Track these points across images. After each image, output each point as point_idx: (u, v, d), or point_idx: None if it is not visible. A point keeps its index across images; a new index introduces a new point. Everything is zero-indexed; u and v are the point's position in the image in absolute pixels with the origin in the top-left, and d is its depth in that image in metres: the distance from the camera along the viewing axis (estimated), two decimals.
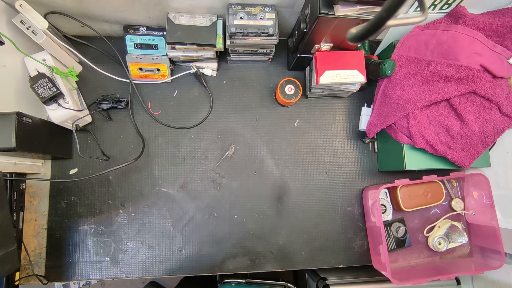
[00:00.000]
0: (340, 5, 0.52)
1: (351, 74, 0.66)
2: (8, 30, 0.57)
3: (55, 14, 0.61)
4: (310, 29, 0.57)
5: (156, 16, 0.66)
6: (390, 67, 0.65)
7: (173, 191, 0.71)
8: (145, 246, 0.69)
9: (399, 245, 0.74)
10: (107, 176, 0.69)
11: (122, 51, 0.68)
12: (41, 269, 0.66)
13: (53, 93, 0.58)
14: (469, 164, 0.65)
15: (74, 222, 0.68)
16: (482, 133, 0.62)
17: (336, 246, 0.73)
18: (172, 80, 0.74)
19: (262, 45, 0.67)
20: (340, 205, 0.75)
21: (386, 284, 0.71)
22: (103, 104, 0.69)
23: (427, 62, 0.61)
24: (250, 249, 0.70)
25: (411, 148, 0.67)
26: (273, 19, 0.63)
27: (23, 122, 0.54)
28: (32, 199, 0.67)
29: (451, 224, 0.74)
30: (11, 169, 0.58)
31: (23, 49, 0.56)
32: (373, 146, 0.77)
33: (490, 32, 0.60)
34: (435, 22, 0.65)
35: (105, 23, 0.68)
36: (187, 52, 0.68)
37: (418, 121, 0.64)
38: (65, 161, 0.69)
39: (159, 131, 0.72)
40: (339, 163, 0.76)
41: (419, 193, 0.73)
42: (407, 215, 0.76)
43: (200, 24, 0.64)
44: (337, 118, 0.77)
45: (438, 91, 0.61)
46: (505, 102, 0.60)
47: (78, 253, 0.67)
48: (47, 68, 0.60)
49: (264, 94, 0.76)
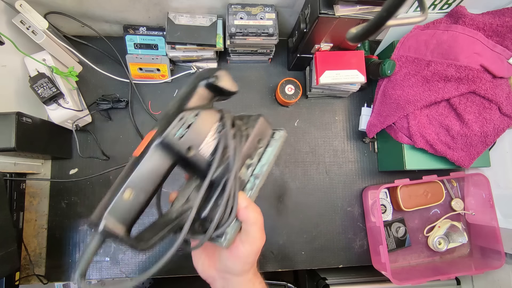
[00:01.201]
0: (340, 5, 0.52)
1: (351, 74, 0.66)
2: (8, 30, 0.57)
3: (55, 14, 0.61)
4: (310, 29, 0.57)
5: (156, 16, 0.66)
6: (390, 67, 0.65)
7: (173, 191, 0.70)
8: None
9: (399, 245, 0.74)
10: (107, 176, 0.69)
11: (122, 51, 0.68)
12: (41, 269, 0.66)
13: (53, 93, 0.58)
14: (469, 164, 0.65)
15: (74, 222, 0.68)
16: (482, 133, 0.62)
17: (336, 246, 0.73)
18: (172, 80, 0.74)
19: (262, 45, 0.67)
20: (340, 205, 0.75)
21: (386, 284, 0.71)
22: (103, 104, 0.69)
23: (427, 62, 0.61)
24: None
25: (411, 148, 0.67)
26: (273, 19, 0.63)
27: (23, 122, 0.54)
28: (32, 199, 0.67)
29: (451, 224, 0.74)
30: (11, 169, 0.58)
31: (23, 49, 0.56)
32: (373, 146, 0.77)
33: (490, 32, 0.60)
34: (435, 22, 0.65)
35: (105, 23, 0.68)
36: (187, 52, 0.68)
37: (418, 121, 0.64)
38: (65, 161, 0.69)
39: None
40: (339, 163, 0.76)
41: (419, 193, 0.73)
42: (407, 215, 0.76)
43: (200, 24, 0.64)
44: (337, 118, 0.77)
45: (438, 91, 0.61)
46: (505, 102, 0.60)
47: (78, 253, 0.67)
48: (47, 68, 0.60)
49: (264, 94, 0.76)
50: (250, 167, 0.34)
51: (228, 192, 0.31)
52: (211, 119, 0.32)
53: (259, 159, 0.35)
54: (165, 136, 0.29)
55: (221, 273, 0.35)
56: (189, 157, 0.31)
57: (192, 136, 0.31)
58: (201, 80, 0.33)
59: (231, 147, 0.31)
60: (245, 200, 0.32)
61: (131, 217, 0.30)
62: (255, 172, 0.35)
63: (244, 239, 0.32)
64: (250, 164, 0.34)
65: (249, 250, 0.32)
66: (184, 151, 0.30)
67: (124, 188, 0.29)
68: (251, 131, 0.34)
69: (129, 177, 0.29)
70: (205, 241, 0.31)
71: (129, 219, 0.29)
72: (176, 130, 0.30)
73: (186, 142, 0.30)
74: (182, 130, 0.30)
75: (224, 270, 0.35)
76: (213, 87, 0.34)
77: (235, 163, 0.31)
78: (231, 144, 0.31)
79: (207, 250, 0.38)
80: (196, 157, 0.31)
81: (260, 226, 0.33)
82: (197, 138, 0.31)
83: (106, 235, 0.27)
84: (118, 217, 0.29)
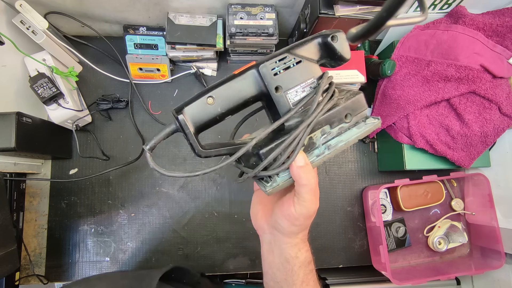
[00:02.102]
0: (340, 5, 0.52)
1: (351, 74, 0.66)
2: (8, 30, 0.57)
3: (55, 14, 0.61)
4: (310, 29, 0.58)
5: (156, 16, 0.66)
6: (390, 67, 0.65)
7: (173, 191, 0.71)
8: (145, 246, 0.69)
9: (399, 245, 0.74)
10: (107, 176, 0.69)
11: (122, 51, 0.68)
12: (41, 269, 0.66)
13: (53, 93, 0.58)
14: (469, 164, 0.65)
15: (74, 222, 0.68)
16: (482, 133, 0.62)
17: (336, 246, 0.73)
18: (172, 80, 0.74)
19: (262, 45, 0.67)
20: (340, 205, 0.75)
21: (386, 284, 0.71)
22: (103, 104, 0.69)
23: (427, 62, 0.61)
24: (250, 248, 0.70)
25: (411, 148, 0.67)
26: (273, 19, 0.63)
27: (23, 122, 0.54)
28: (32, 199, 0.67)
29: (451, 224, 0.74)
30: (11, 169, 0.59)
31: (23, 49, 0.56)
32: (373, 146, 0.77)
33: (490, 32, 0.60)
34: (435, 22, 0.65)
35: (105, 23, 0.68)
36: (187, 52, 0.68)
37: (418, 121, 0.64)
38: (65, 161, 0.69)
39: (159, 131, 0.72)
40: (339, 163, 0.76)
41: (419, 193, 0.73)
42: (407, 215, 0.76)
43: (200, 24, 0.64)
44: None
45: (438, 91, 0.61)
46: (505, 102, 0.60)
47: (78, 253, 0.67)
48: (47, 68, 0.60)
49: None
50: (326, 135, 0.34)
51: (292, 137, 0.30)
52: (310, 72, 0.33)
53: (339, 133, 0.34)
54: (262, 67, 0.31)
55: (270, 228, 0.36)
56: (274, 96, 0.32)
57: (285, 78, 0.32)
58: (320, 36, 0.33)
59: (315, 101, 0.31)
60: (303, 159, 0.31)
61: (203, 121, 0.32)
62: (330, 142, 0.34)
63: (296, 199, 0.33)
64: (328, 132, 0.34)
65: (299, 212, 0.32)
66: (272, 87, 0.32)
67: (208, 95, 0.32)
68: (342, 102, 0.34)
69: (217, 88, 0.32)
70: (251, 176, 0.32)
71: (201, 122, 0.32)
72: (274, 65, 0.32)
73: (278, 81, 0.32)
74: (278, 69, 0.32)
75: (273, 225, 0.35)
76: (327, 46, 0.33)
77: (312, 114, 0.31)
78: (317, 98, 0.31)
79: (263, 201, 0.38)
80: (281, 98, 0.32)
81: (312, 189, 0.32)
82: (289, 82, 0.32)
83: (178, 128, 0.32)
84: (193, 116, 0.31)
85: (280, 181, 0.32)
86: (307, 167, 0.31)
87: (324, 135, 0.33)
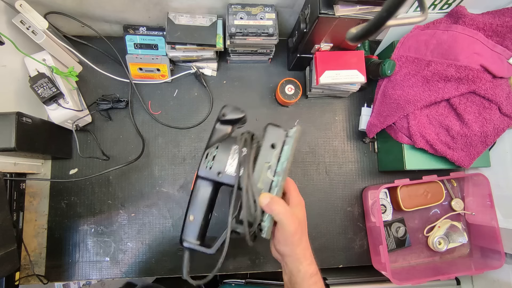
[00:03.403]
0: (340, 5, 0.52)
1: (351, 74, 0.66)
2: (8, 30, 0.57)
3: (55, 14, 0.61)
4: (310, 29, 0.57)
5: (156, 16, 0.66)
6: (390, 67, 0.65)
7: (173, 191, 0.71)
8: (145, 246, 0.69)
9: (399, 245, 0.74)
10: (107, 176, 0.69)
11: (122, 51, 0.68)
12: (41, 269, 0.66)
13: (53, 93, 0.58)
14: (469, 164, 0.65)
15: (74, 222, 0.68)
16: (482, 133, 0.62)
17: (336, 246, 0.73)
18: (172, 80, 0.74)
19: (262, 45, 0.67)
20: (340, 205, 0.75)
21: (386, 284, 0.71)
22: (103, 104, 0.69)
23: (427, 62, 0.61)
24: (250, 249, 0.70)
25: (411, 148, 0.67)
26: (273, 19, 0.63)
27: (23, 122, 0.54)
28: (32, 199, 0.67)
29: (451, 224, 0.74)
30: (11, 169, 0.59)
31: (23, 49, 0.56)
32: (373, 146, 0.77)
33: (490, 32, 0.60)
34: (435, 22, 0.65)
35: (105, 23, 0.68)
36: (187, 52, 0.68)
37: (418, 121, 0.64)
38: (65, 161, 0.69)
39: (159, 131, 0.72)
40: (339, 163, 0.76)
41: (419, 193, 0.73)
42: (407, 215, 0.76)
43: (200, 24, 0.64)
44: (337, 118, 0.77)
45: (438, 91, 0.61)
46: (505, 102, 0.60)
47: (78, 253, 0.67)
48: (47, 68, 0.60)
49: (264, 94, 0.76)
50: (270, 169, 0.41)
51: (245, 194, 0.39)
52: (228, 146, 0.43)
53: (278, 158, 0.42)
54: (200, 171, 0.43)
55: (278, 255, 0.45)
56: (220, 179, 0.42)
57: (217, 165, 0.43)
58: (217, 121, 0.46)
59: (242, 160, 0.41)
60: (266, 197, 0.40)
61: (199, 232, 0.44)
62: (277, 170, 0.41)
63: (278, 226, 0.41)
64: (269, 166, 0.41)
65: (284, 235, 0.40)
66: (216, 176, 0.42)
67: (187, 215, 0.44)
68: (262, 142, 0.43)
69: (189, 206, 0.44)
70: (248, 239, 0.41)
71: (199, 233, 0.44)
72: (206, 164, 0.43)
73: (215, 170, 0.42)
74: (209, 163, 0.43)
75: (278, 251, 0.43)
76: (225, 121, 0.45)
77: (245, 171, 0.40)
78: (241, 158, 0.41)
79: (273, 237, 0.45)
80: (225, 178, 0.42)
81: (286, 214, 0.39)
82: (221, 165, 0.43)
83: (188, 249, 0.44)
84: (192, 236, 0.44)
85: (267, 224, 0.40)
86: (272, 200, 0.39)
87: (269, 169, 0.41)
